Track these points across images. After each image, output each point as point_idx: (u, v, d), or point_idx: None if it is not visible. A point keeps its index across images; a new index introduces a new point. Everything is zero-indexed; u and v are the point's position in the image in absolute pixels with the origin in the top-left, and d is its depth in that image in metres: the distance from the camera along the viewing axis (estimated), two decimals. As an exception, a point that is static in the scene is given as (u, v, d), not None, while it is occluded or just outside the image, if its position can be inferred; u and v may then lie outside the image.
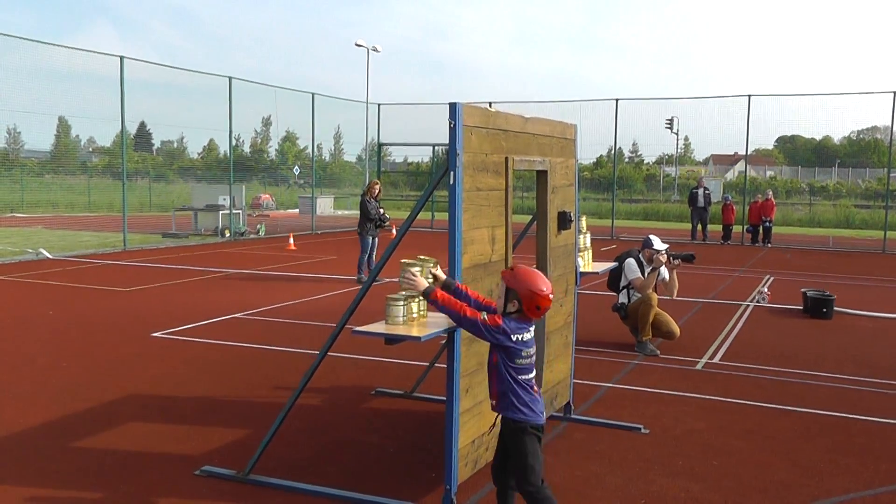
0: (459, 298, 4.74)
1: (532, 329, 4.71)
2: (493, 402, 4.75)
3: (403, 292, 4.96)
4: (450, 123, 4.91)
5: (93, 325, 11.14)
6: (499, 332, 4.54)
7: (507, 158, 5.64)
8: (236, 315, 12.11)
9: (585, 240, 7.56)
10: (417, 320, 5.00)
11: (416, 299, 5.00)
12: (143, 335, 10.50)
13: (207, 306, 12.78)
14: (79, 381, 8.23)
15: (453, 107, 4.92)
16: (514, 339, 4.58)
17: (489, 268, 5.48)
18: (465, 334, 5.14)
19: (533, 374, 4.71)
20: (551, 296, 4.67)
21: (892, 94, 26.23)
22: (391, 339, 4.71)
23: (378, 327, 4.82)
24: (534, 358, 4.73)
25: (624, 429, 7.04)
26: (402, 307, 4.86)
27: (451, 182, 4.93)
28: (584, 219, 7.55)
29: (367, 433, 6.80)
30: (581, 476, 5.94)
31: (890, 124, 27.08)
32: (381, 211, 16.30)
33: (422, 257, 5.02)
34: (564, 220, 6.67)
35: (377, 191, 16.37)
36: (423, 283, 4.72)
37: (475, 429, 5.41)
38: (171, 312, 12.16)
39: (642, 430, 7.03)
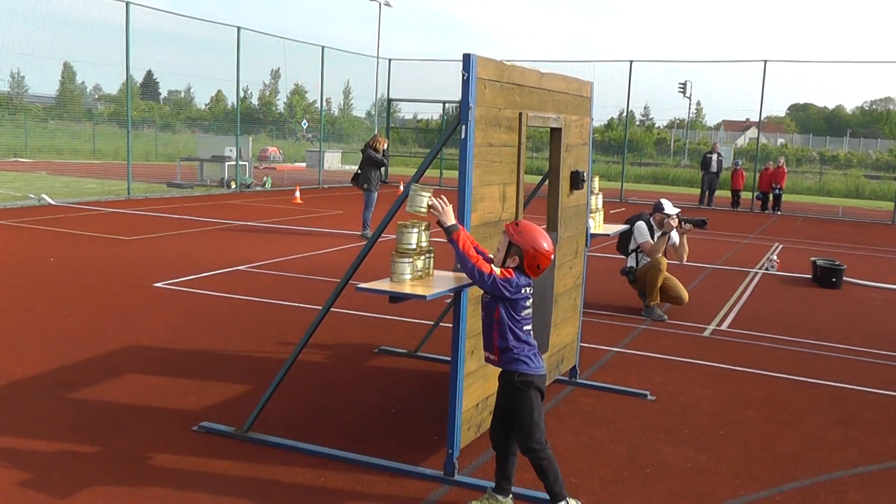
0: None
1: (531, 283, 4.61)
2: (494, 358, 4.61)
3: (409, 223, 4.77)
4: (463, 75, 4.72)
5: (94, 274, 11.01)
6: (510, 285, 4.40)
7: (520, 114, 5.45)
8: (240, 268, 11.98)
9: (598, 201, 7.39)
10: (423, 278, 4.84)
11: (423, 256, 4.84)
12: (145, 285, 10.37)
13: (211, 258, 12.65)
14: (78, 330, 8.11)
15: (467, 58, 4.73)
16: (523, 291, 4.47)
17: (499, 226, 5.31)
18: (473, 294, 4.99)
19: (531, 327, 4.61)
20: (552, 256, 4.55)
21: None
22: (395, 298, 4.56)
23: (383, 284, 4.67)
24: (531, 310, 4.63)
25: (630, 395, 6.92)
26: (408, 264, 4.70)
27: (463, 136, 4.75)
28: (596, 179, 7.37)
29: (370, 392, 6.68)
30: (586, 442, 5.82)
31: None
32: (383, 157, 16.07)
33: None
34: (577, 180, 6.49)
35: (384, 145, 16.14)
36: (452, 216, 4.51)
37: (480, 392, 5.28)
38: (173, 263, 12.03)
39: (649, 397, 6.90)
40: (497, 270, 4.41)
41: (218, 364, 7.26)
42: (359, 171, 16.13)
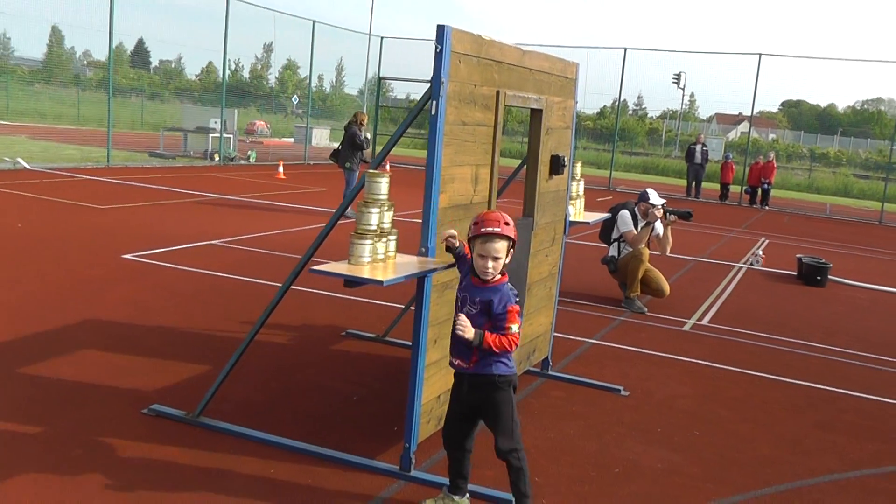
0: (463, 263, 4.33)
1: None
2: (468, 366, 4.19)
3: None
4: (436, 48, 4.44)
5: (62, 242, 10.69)
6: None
7: (498, 92, 5.17)
8: (213, 242, 11.68)
9: (578, 187, 7.12)
10: (385, 261, 4.56)
11: (385, 238, 4.56)
12: (113, 256, 10.06)
13: (185, 231, 12.34)
14: (37, 301, 7.80)
15: (441, 30, 4.44)
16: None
17: (470, 209, 5.04)
18: (437, 280, 4.72)
19: None
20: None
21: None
22: (351, 282, 4.28)
23: (339, 267, 4.38)
24: None
25: (603, 389, 6.66)
26: (367, 246, 4.41)
27: (433, 112, 4.47)
28: (578, 165, 7.10)
29: (332, 378, 6.41)
30: (554, 438, 5.56)
31: (898, 94, 26.60)
32: (367, 136, 15.69)
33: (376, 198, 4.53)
34: (557, 165, 6.21)
35: (363, 122, 15.79)
36: (472, 331, 4.03)
37: (442, 383, 5.01)
38: (145, 234, 11.71)
39: (622, 392, 6.66)
40: (514, 330, 4.09)
41: (179, 343, 6.97)
42: (339, 148, 15.80)
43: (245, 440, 5.06)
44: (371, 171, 4.60)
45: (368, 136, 15.74)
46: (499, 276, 4.14)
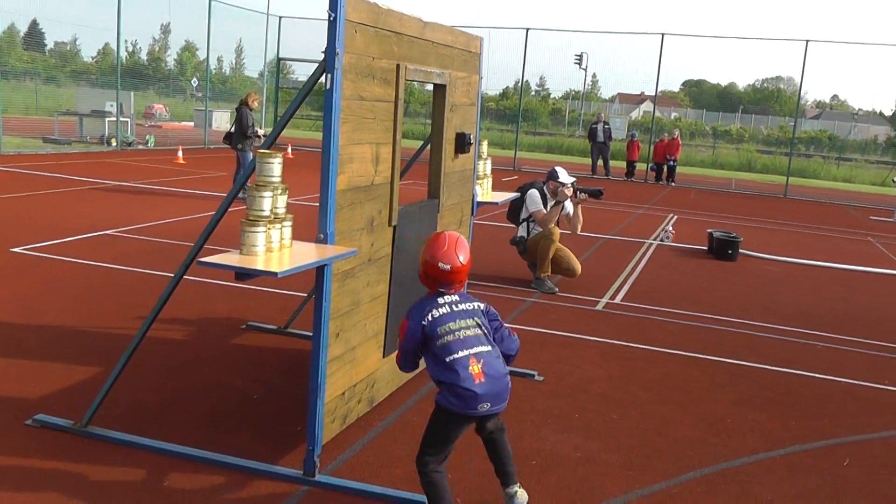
0: None
1: (447, 301, 4.03)
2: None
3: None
4: (329, 16, 4.08)
5: (-60, 237, 10.00)
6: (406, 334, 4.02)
7: (398, 66, 4.83)
8: (109, 231, 11.09)
9: (485, 166, 6.84)
10: (279, 250, 4.20)
11: (279, 225, 4.20)
12: (1, 250, 9.43)
13: (79, 220, 11.69)
14: None
15: (334, -4, 4.09)
16: (423, 323, 3.96)
17: (371, 191, 4.71)
18: (338, 269, 4.38)
19: (463, 353, 3.90)
20: (445, 267, 4.00)
21: (805, 43, 26.30)
22: (242, 274, 3.91)
23: (229, 258, 4.01)
24: (462, 332, 3.95)
25: (516, 375, 6.37)
26: (260, 234, 4.05)
27: (328, 87, 4.11)
28: (485, 143, 6.82)
29: (231, 375, 6.00)
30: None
31: (800, 73, 27.10)
32: (257, 130, 15.10)
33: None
34: (463, 143, 5.92)
35: (255, 102, 15.22)
36: None
37: (346, 378, 4.70)
38: (37, 225, 11.04)
39: (536, 377, 6.42)
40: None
41: (68, 343, 6.45)
42: (232, 131, 15.25)
43: (136, 449, 4.64)
44: (262, 150, 4.23)
45: (259, 131, 15.11)
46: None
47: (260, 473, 4.44)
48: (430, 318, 3.94)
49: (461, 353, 3.88)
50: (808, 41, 26.35)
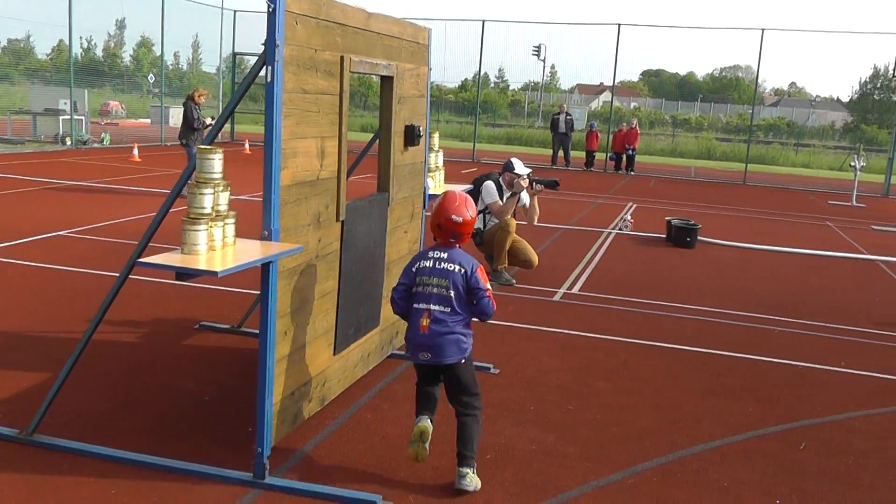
0: None
1: (436, 256, 4.55)
2: None
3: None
4: (268, 7, 3.99)
5: None
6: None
7: (342, 58, 4.75)
8: (61, 233, 10.89)
9: (437, 159, 6.77)
10: (222, 248, 4.11)
11: (221, 223, 4.10)
12: (-56, 254, 9.22)
13: (31, 222, 11.46)
14: None
15: (273, -13, 4.00)
16: (412, 269, 4.57)
17: (318, 186, 4.63)
18: (284, 266, 4.30)
19: (422, 306, 4.48)
20: (458, 220, 4.54)
21: (760, 31, 26.57)
22: (183, 273, 3.81)
23: (170, 258, 3.91)
24: (430, 288, 4.48)
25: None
26: (202, 232, 3.95)
27: (269, 80, 4.03)
28: (436, 135, 6.75)
29: (182, 377, 5.88)
30: (421, 426, 5.23)
31: (757, 62, 27.39)
32: (204, 121, 14.88)
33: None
34: (412, 136, 5.84)
35: (201, 98, 15.00)
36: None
37: (296, 378, 4.61)
38: (-17, 228, 10.83)
39: (492, 370, 6.37)
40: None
41: (17, 349, 6.27)
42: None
43: (84, 457, 4.52)
44: (202, 147, 4.13)
45: (205, 119, 14.87)
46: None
47: (210, 477, 4.34)
48: (417, 266, 4.54)
49: (421, 305, 4.45)
50: (763, 30, 26.64)
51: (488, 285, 4.50)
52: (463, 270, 4.44)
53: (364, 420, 5.24)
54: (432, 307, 4.41)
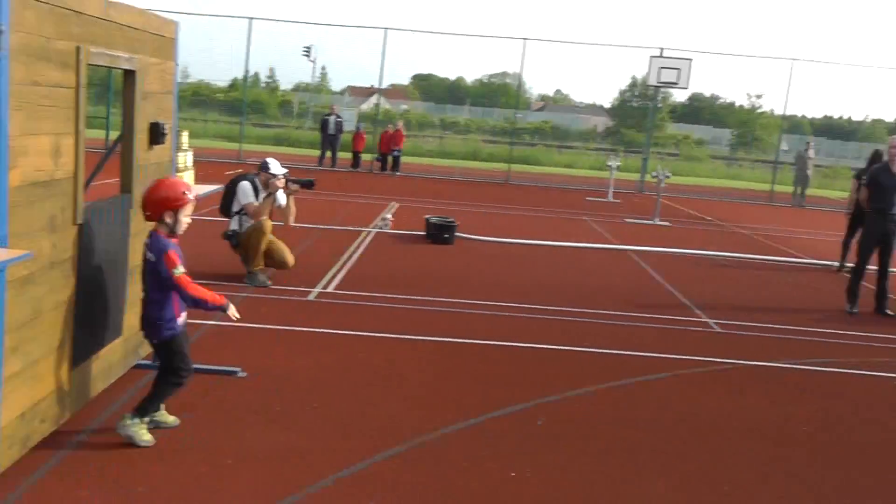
0: None
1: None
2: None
3: None
4: (-7, -11, 3.77)
5: None
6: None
7: (78, 48, 4.56)
8: None
9: (186, 158, 6.64)
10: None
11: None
12: None
13: None
14: None
15: (-3, -32, 3.77)
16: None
17: (52, 187, 4.41)
18: (14, 275, 4.04)
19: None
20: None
21: (523, 41, 28.04)
22: None
23: None
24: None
25: (219, 373, 6.22)
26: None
27: (-6, 71, 3.82)
28: (185, 134, 6.63)
29: None
30: (162, 435, 5.04)
31: (519, 68, 28.67)
32: None
33: None
34: (157, 134, 5.69)
35: None
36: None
37: (27, 397, 4.35)
38: None
39: (240, 374, 6.28)
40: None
41: None
42: None
43: None
44: None
45: None
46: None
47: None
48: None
49: None
50: (525, 39, 28.13)
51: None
52: (150, 255, 4.88)
53: (103, 438, 4.97)
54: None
